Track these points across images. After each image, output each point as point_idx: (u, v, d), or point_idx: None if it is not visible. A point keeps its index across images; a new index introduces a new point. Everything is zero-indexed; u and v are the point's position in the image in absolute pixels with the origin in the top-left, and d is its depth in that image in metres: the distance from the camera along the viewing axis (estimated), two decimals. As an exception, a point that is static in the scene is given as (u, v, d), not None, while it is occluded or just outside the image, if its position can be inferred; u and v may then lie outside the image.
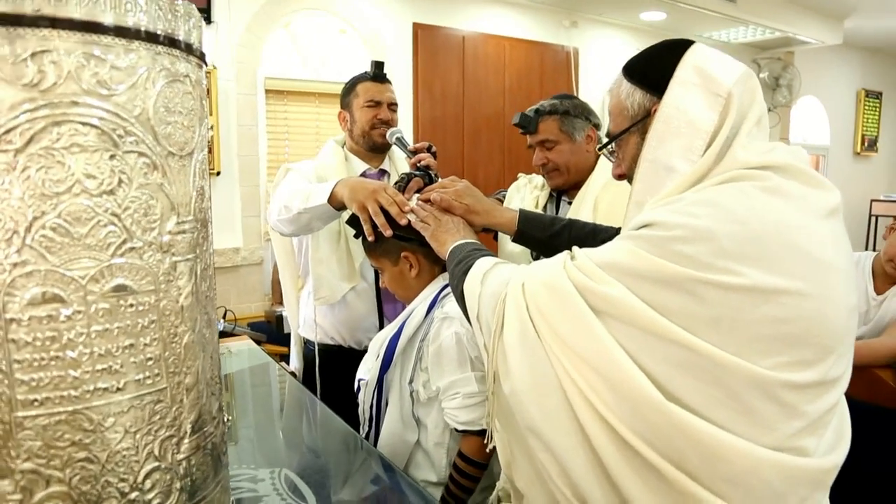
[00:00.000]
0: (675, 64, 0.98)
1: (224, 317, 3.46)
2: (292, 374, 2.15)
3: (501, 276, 1.04)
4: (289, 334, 2.44)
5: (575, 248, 0.98)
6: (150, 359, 0.77)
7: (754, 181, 0.87)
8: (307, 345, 2.13)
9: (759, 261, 0.81)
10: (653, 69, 1.02)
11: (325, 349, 2.04)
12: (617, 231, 1.39)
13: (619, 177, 1.13)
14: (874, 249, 8.10)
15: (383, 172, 2.05)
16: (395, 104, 2.01)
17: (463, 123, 5.02)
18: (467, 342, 1.33)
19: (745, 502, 0.80)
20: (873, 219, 8.10)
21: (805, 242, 0.84)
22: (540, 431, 0.91)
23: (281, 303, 4.12)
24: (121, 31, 0.71)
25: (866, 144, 8.91)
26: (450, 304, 1.40)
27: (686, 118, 0.94)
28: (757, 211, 0.84)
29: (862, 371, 1.99)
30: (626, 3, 5.26)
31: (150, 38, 0.74)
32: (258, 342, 3.45)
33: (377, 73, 1.98)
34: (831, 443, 0.87)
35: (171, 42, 0.77)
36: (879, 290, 2.21)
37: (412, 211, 1.42)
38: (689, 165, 0.93)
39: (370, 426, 1.50)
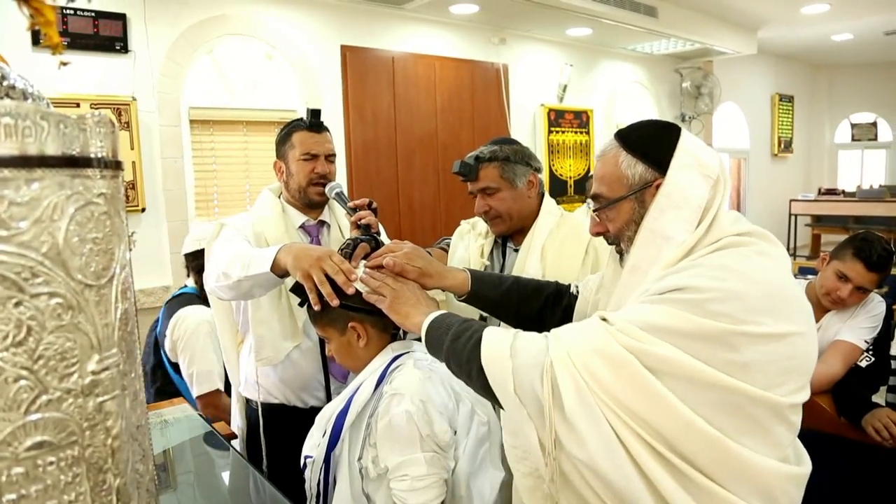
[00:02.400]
0: (673, 145, 1.13)
1: (156, 364, 3.29)
2: (232, 436, 2.04)
3: (533, 347, 1.06)
4: (226, 378, 2.32)
5: (604, 313, 1.06)
6: (75, 516, 0.69)
7: (746, 247, 1.05)
8: (249, 404, 2.03)
9: (773, 312, 0.98)
10: (655, 148, 1.15)
11: (269, 407, 1.95)
12: (556, 286, 1.51)
13: (597, 234, 1.24)
14: (794, 248, 8.51)
15: (322, 223, 1.97)
16: (333, 155, 1.91)
17: (396, 145, 4.97)
18: (418, 420, 1.28)
19: None
20: (793, 218, 8.49)
21: (796, 294, 1.04)
22: (615, 486, 0.98)
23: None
24: (20, 162, 0.62)
25: (782, 146, 9.35)
26: (399, 380, 1.34)
27: (684, 194, 1.10)
28: (762, 272, 1.02)
29: (803, 399, 2.04)
30: (552, 19, 5.33)
31: (57, 162, 0.65)
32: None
33: (313, 122, 1.87)
34: (799, 451, 1.09)
35: (84, 162, 0.69)
36: (815, 318, 2.28)
37: (362, 281, 1.36)
38: (684, 235, 1.09)
39: (317, 502, 1.43)
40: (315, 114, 1.87)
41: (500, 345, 1.09)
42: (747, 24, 6.79)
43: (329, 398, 1.90)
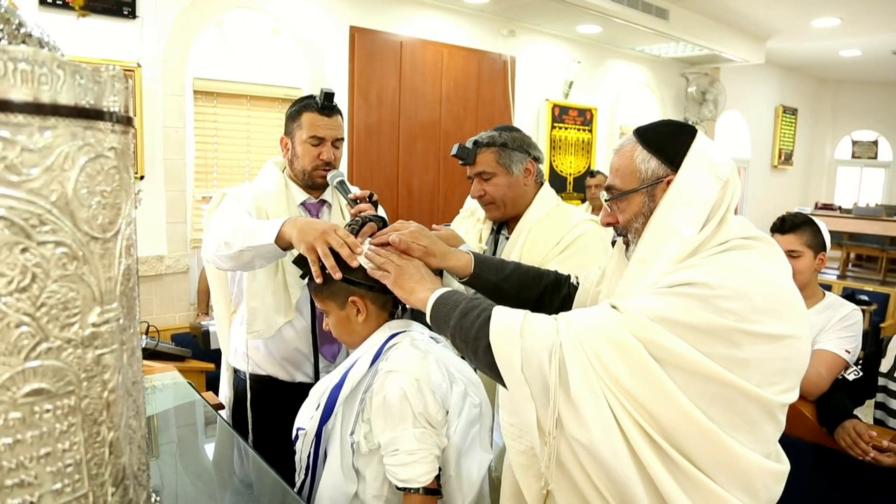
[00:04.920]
0: (687, 144, 1.17)
1: (146, 332, 3.28)
2: (219, 406, 2.05)
3: (543, 328, 1.08)
4: (216, 350, 2.32)
5: (615, 301, 1.08)
6: (69, 465, 0.69)
7: (753, 250, 1.09)
8: (237, 374, 2.03)
9: (775, 314, 1.02)
10: (670, 145, 1.18)
11: (257, 380, 1.96)
12: (555, 275, 1.54)
13: (608, 224, 1.27)
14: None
15: (324, 202, 1.97)
16: (341, 139, 1.88)
17: (399, 130, 4.96)
18: (412, 398, 1.29)
19: (751, 500, 1.02)
20: (788, 229, 8.52)
21: (797, 298, 1.08)
22: (610, 471, 1.01)
23: (207, 313, 3.95)
24: (34, 109, 0.62)
25: (783, 158, 9.38)
26: (395, 358, 1.35)
27: (694, 192, 1.13)
28: (767, 275, 1.06)
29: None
30: (563, 14, 5.31)
31: (71, 112, 0.66)
32: (182, 358, 3.33)
33: (325, 105, 1.83)
34: (779, 450, 1.12)
35: (97, 114, 0.69)
36: None
37: (367, 257, 1.36)
38: (691, 231, 1.11)
39: (306, 475, 1.44)
40: (328, 97, 1.82)
41: (511, 323, 1.10)
42: (757, 34, 6.79)
43: (317, 375, 1.91)
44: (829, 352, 2.17)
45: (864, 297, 5.61)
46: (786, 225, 2.31)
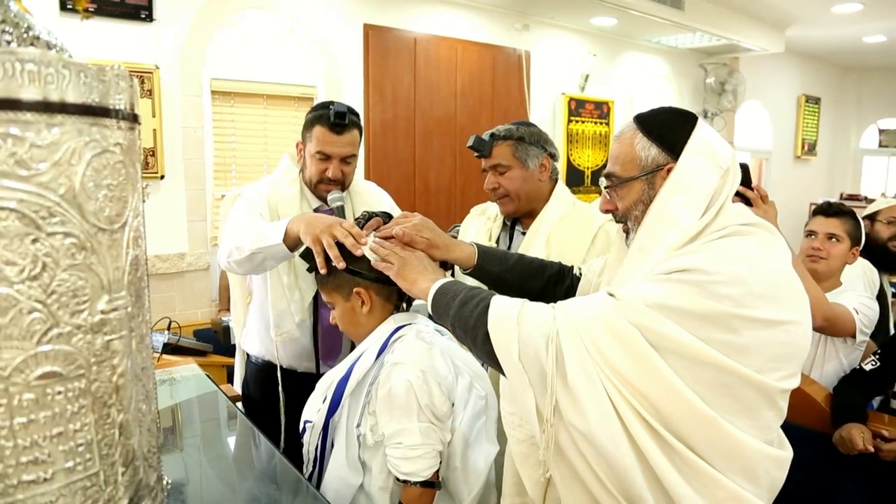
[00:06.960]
0: (688, 132, 1.17)
1: (168, 328, 3.36)
2: (237, 398, 2.10)
3: (540, 317, 1.09)
4: (235, 346, 2.39)
5: (612, 289, 1.09)
6: (80, 444, 0.73)
7: (750, 236, 1.09)
8: (249, 358, 2.10)
9: (773, 299, 1.02)
10: (670, 133, 1.18)
11: (266, 365, 2.00)
12: (559, 266, 1.56)
13: (607, 211, 1.28)
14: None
15: (340, 208, 2.00)
16: (352, 155, 1.88)
17: (414, 126, 4.98)
18: (418, 390, 1.31)
19: (751, 485, 1.02)
20: (811, 220, 8.40)
21: (796, 284, 1.08)
22: (608, 458, 1.01)
23: (228, 309, 4.02)
24: (42, 107, 0.66)
25: (806, 148, 9.23)
26: (400, 350, 1.37)
27: (694, 180, 1.14)
28: (765, 260, 1.06)
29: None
30: (577, 7, 5.29)
31: (77, 110, 0.69)
32: (204, 353, 3.40)
33: (335, 122, 1.80)
34: (782, 438, 1.13)
35: (102, 111, 0.72)
36: None
37: (372, 250, 1.39)
38: (691, 220, 1.12)
39: (314, 467, 1.47)
40: (339, 115, 1.80)
41: (508, 312, 1.11)
42: (775, 22, 6.69)
43: (318, 368, 1.95)
44: (840, 304, 2.11)
45: (893, 290, 5.51)
46: (832, 209, 2.31)
